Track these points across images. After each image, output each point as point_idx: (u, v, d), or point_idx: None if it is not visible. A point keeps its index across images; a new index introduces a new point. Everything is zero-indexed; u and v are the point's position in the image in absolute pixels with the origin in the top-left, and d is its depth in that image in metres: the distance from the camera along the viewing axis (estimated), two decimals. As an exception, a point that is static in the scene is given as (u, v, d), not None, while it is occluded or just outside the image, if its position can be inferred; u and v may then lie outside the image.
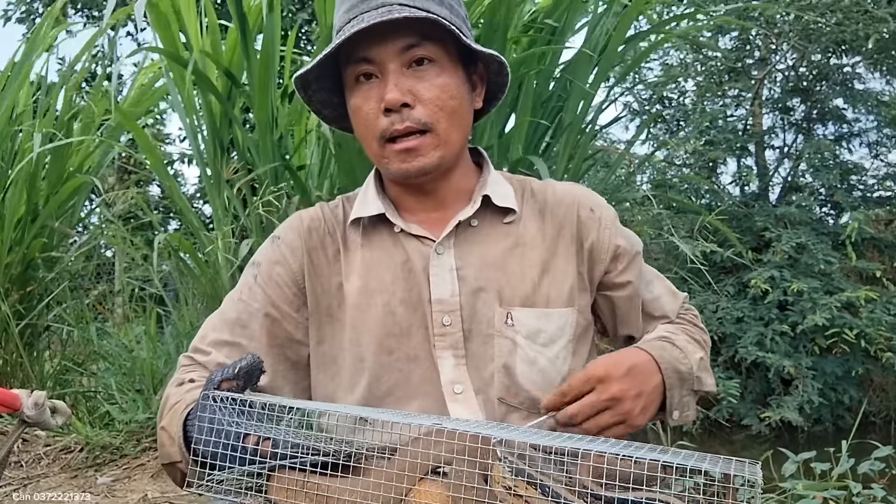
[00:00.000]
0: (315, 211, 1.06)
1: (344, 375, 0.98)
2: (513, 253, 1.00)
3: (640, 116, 7.63)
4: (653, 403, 0.90)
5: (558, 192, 1.06)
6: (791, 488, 2.16)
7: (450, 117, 0.95)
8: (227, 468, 0.72)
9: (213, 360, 0.97)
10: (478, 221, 1.01)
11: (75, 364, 3.80)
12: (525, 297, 0.98)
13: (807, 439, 6.16)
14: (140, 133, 3.11)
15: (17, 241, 3.57)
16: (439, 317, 0.96)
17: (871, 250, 7.03)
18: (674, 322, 1.09)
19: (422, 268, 0.98)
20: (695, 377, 0.96)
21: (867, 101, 7.38)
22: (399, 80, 0.93)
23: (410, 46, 0.93)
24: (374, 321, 0.97)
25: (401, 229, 1.00)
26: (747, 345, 6.15)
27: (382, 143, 0.95)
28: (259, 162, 2.85)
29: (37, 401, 1.51)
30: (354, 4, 0.94)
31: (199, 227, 3.13)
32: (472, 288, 0.97)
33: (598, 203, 1.06)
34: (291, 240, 1.03)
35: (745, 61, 7.53)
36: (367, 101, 0.95)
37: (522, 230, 1.02)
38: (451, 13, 0.96)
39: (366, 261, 1.00)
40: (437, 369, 0.95)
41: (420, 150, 0.94)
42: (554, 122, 3.01)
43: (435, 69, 0.94)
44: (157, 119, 11.68)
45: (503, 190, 1.03)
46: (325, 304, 1.00)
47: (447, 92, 0.94)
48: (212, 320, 1.02)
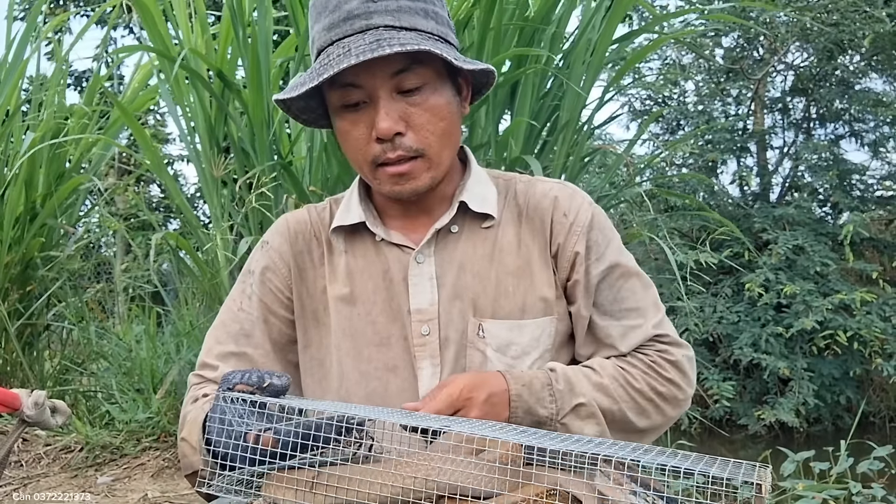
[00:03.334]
0: (302, 214, 1.06)
1: (331, 380, 0.99)
2: (490, 260, 0.98)
3: (640, 117, 7.63)
4: None
5: (538, 194, 1.02)
6: (790, 488, 2.16)
7: (440, 139, 0.93)
8: (236, 468, 0.72)
9: (222, 375, 0.98)
10: (458, 227, 1.00)
11: (75, 363, 3.79)
12: (499, 307, 0.96)
13: (806, 439, 6.17)
14: (139, 129, 3.11)
15: (16, 240, 3.56)
16: (418, 326, 0.96)
17: (871, 250, 7.03)
18: (624, 357, 0.98)
19: (402, 277, 0.98)
20: (558, 423, 0.90)
21: (866, 101, 7.38)
22: (389, 108, 0.90)
23: (400, 71, 0.90)
24: (354, 329, 0.98)
25: (381, 238, 1.00)
26: (743, 346, 6.17)
27: (374, 167, 0.94)
28: (256, 160, 2.85)
29: (37, 400, 1.51)
30: (335, 23, 0.90)
31: (197, 226, 3.13)
32: (449, 296, 0.97)
33: (575, 206, 1.00)
34: (279, 244, 1.04)
35: (745, 61, 7.53)
36: (357, 125, 0.93)
37: (501, 236, 1.00)
38: (437, 23, 0.93)
39: (349, 268, 1.00)
40: (417, 379, 0.95)
41: (412, 173, 0.93)
42: (550, 120, 3.01)
43: (425, 92, 0.92)
44: (159, 119, 11.67)
45: (484, 192, 1.01)
46: (310, 308, 1.01)
47: (438, 114, 0.93)
48: (214, 333, 1.03)
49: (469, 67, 0.92)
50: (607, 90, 3.24)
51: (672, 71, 7.61)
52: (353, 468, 0.71)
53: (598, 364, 0.96)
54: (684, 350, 0.99)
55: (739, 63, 7.46)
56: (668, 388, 0.96)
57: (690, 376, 0.99)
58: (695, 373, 1.00)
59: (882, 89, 7.72)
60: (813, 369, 6.27)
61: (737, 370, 6.53)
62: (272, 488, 0.73)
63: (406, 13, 0.89)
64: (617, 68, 3.42)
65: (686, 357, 0.99)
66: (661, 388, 0.95)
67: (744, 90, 7.55)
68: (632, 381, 0.94)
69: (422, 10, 0.91)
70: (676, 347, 0.99)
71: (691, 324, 5.93)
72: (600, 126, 4.00)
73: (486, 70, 0.96)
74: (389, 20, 0.88)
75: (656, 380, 0.95)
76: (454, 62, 0.89)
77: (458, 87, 0.97)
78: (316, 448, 0.72)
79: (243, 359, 1.00)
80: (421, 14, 0.91)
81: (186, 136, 3.13)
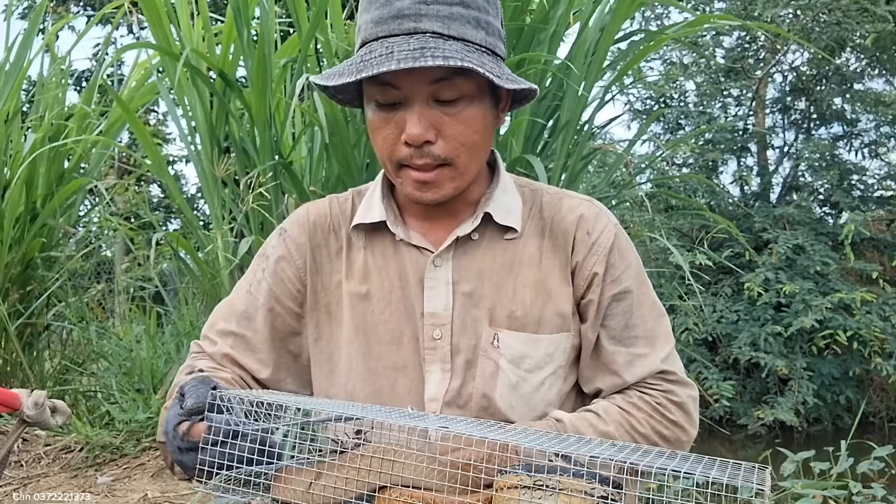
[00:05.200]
0: (322, 205, 1.06)
1: (339, 374, 0.99)
2: (510, 271, 0.97)
3: (640, 117, 7.63)
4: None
5: (564, 209, 1.00)
6: (790, 488, 2.16)
7: (470, 151, 0.92)
8: (227, 467, 0.72)
9: (219, 351, 1.01)
10: (478, 235, 0.99)
11: (75, 363, 3.80)
12: (515, 318, 0.95)
13: (806, 439, 6.17)
14: (140, 127, 3.11)
15: (17, 241, 3.56)
16: (430, 330, 0.96)
17: (871, 250, 7.03)
18: (629, 390, 0.97)
19: (418, 279, 0.97)
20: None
21: (867, 101, 7.38)
22: (423, 114, 0.88)
23: (440, 80, 0.87)
24: (367, 326, 0.98)
25: (401, 238, 0.99)
26: (742, 345, 6.17)
27: (399, 167, 0.93)
28: (257, 160, 2.85)
29: (37, 400, 1.51)
30: (383, 18, 0.87)
31: (197, 226, 3.13)
32: (465, 303, 0.96)
33: (599, 227, 0.99)
34: (297, 235, 1.03)
35: (746, 61, 7.53)
36: (388, 123, 0.91)
37: (522, 248, 0.99)
38: (487, 34, 0.90)
39: (367, 265, 1.00)
40: (424, 381, 0.95)
41: (437, 182, 0.92)
42: (551, 120, 3.01)
43: (462, 104, 0.89)
44: (160, 119, 11.68)
45: (509, 204, 1.00)
46: (324, 301, 1.01)
47: (471, 127, 0.90)
48: (221, 309, 1.05)
49: (511, 87, 0.88)
50: (608, 90, 3.25)
51: (673, 71, 7.61)
52: (319, 464, 0.72)
53: (603, 410, 0.94)
54: (689, 390, 0.98)
55: (740, 63, 7.47)
56: (673, 430, 0.96)
57: (694, 417, 0.98)
58: (698, 411, 0.99)
59: (882, 89, 7.73)
60: (813, 369, 6.27)
61: (736, 370, 6.53)
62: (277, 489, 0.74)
63: (457, 21, 0.87)
64: (618, 68, 3.42)
65: (691, 398, 0.98)
66: (666, 432, 0.95)
67: (744, 90, 7.55)
68: (637, 426, 0.94)
69: (474, 19, 0.88)
70: (682, 387, 0.98)
71: (691, 323, 5.93)
72: (602, 127, 4.00)
73: (531, 89, 0.94)
74: (438, 26, 0.86)
75: (661, 423, 0.95)
76: (496, 81, 0.86)
77: (498, 99, 0.95)
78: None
79: (241, 340, 1.01)
80: (472, 24, 0.88)
81: (187, 135, 3.14)
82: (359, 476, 0.72)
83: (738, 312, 6.43)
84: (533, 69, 2.76)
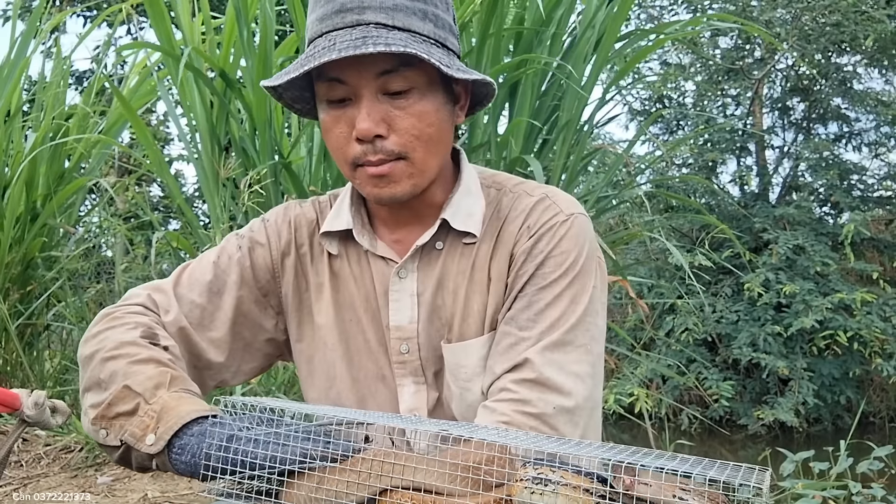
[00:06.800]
0: (308, 208, 1.04)
1: (318, 377, 0.98)
2: (465, 276, 0.94)
3: (639, 117, 7.63)
4: None
5: (519, 208, 0.95)
6: (790, 488, 2.16)
7: (426, 145, 0.88)
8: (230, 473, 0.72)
9: (176, 323, 0.94)
10: (442, 243, 0.95)
11: (75, 363, 3.79)
12: (466, 327, 0.92)
13: (805, 439, 6.17)
14: (140, 126, 3.11)
15: (17, 240, 3.56)
16: (397, 344, 0.94)
17: (871, 250, 7.04)
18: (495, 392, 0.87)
19: (384, 290, 0.95)
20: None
21: (867, 101, 7.39)
22: (372, 108, 0.85)
23: (387, 72, 0.84)
24: (347, 335, 0.97)
25: (366, 249, 0.97)
26: (741, 345, 6.17)
27: (354, 167, 0.89)
28: (257, 160, 2.86)
29: (37, 400, 1.51)
30: (327, 14, 0.86)
31: (197, 226, 3.13)
32: (430, 315, 0.94)
33: (546, 215, 0.93)
34: (279, 227, 1.02)
35: (745, 61, 7.53)
36: (338, 122, 0.88)
37: (477, 252, 0.94)
38: (435, 26, 0.87)
39: (340, 272, 0.99)
40: (397, 394, 0.95)
41: (392, 176, 0.88)
42: (551, 119, 3.01)
43: (413, 96, 0.86)
44: (161, 119, 11.68)
45: (471, 207, 0.95)
46: (307, 302, 1.00)
47: (424, 120, 0.87)
48: (185, 272, 0.99)
49: (460, 76, 0.86)
50: (608, 90, 3.25)
51: (672, 71, 7.62)
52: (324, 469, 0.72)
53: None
54: (561, 399, 0.85)
55: (739, 63, 7.47)
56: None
57: (563, 431, 0.85)
58: (574, 425, 0.87)
59: (882, 89, 7.73)
60: (813, 369, 6.27)
61: (736, 370, 6.53)
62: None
63: (401, 12, 0.85)
64: (617, 69, 3.42)
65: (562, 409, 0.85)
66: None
67: (743, 90, 7.56)
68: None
69: (420, 10, 0.86)
70: (553, 394, 0.85)
71: (691, 323, 5.93)
72: (600, 126, 4.00)
73: (486, 81, 0.90)
74: (382, 18, 0.84)
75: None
76: (444, 69, 0.83)
77: (453, 95, 0.92)
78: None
79: (201, 313, 0.96)
80: (419, 15, 0.86)
81: (187, 135, 3.14)
82: (360, 479, 0.72)
83: (738, 313, 6.43)
84: (533, 69, 2.76)
